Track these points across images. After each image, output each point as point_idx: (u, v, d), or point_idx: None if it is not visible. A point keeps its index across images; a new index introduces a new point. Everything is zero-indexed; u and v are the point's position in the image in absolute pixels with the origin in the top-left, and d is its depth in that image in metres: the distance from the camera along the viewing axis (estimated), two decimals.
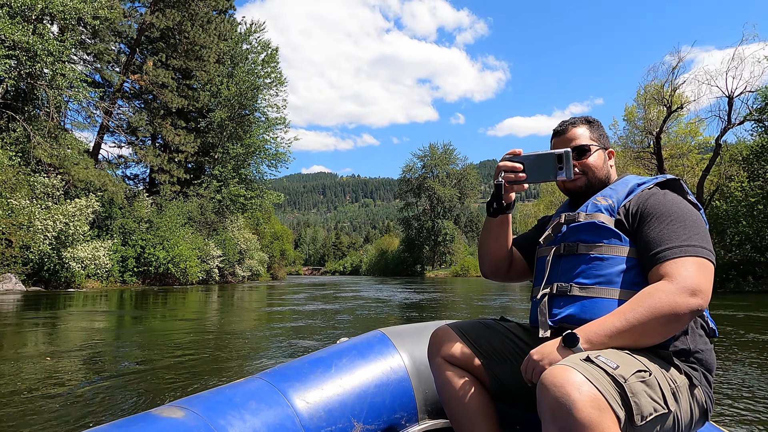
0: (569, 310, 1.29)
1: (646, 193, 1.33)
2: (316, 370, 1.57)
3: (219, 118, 30.34)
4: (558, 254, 1.38)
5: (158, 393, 3.33)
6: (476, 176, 77.02)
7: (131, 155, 29.34)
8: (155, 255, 24.04)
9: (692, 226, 1.21)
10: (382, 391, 1.59)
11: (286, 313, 10.15)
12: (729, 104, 20.45)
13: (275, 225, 47.82)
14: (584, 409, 0.94)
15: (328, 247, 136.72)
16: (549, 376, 1.00)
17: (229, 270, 30.73)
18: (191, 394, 1.56)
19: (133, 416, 1.27)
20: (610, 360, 1.05)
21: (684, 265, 1.15)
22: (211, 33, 29.06)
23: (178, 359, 4.59)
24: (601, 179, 1.43)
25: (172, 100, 26.53)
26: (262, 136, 32.87)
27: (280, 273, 47.67)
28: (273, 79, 32.56)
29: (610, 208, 1.33)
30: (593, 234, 1.31)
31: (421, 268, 72.93)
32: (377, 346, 1.71)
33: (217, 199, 29.89)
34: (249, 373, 4.25)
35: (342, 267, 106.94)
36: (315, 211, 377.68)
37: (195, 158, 31.60)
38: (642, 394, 1.03)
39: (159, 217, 25.22)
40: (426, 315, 9.97)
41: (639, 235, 1.26)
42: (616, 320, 1.13)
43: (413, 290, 20.61)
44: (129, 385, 3.53)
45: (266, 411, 1.37)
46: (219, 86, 30.27)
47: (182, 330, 7.11)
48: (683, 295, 1.11)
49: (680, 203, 1.28)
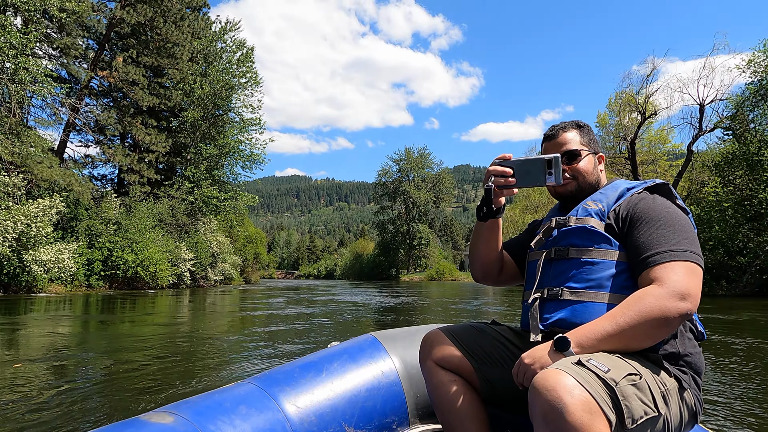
0: (560, 314, 1.30)
1: (635, 197, 1.34)
2: (307, 375, 1.55)
3: (192, 118, 29.56)
4: (549, 258, 1.39)
5: (130, 401, 3.23)
6: (451, 180, 77.50)
7: (99, 155, 28.32)
8: (123, 258, 23.17)
9: (681, 230, 1.23)
10: (374, 395, 1.57)
11: (262, 318, 9.91)
12: (700, 112, 20.96)
13: (249, 228, 46.89)
14: (576, 413, 0.94)
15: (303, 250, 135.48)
16: (541, 380, 1.00)
17: (201, 274, 29.89)
18: (163, 401, 1.51)
19: (122, 422, 1.24)
20: (602, 363, 1.05)
21: (673, 269, 1.16)
22: (185, 30, 28.29)
23: (148, 366, 4.45)
24: (591, 184, 1.45)
25: (143, 98, 25.67)
26: (237, 136, 32.17)
27: (253, 277, 46.77)
28: (248, 79, 31.94)
29: (601, 213, 1.35)
30: (584, 238, 1.32)
31: (396, 272, 72.81)
32: (368, 350, 1.70)
33: (189, 200, 29.06)
34: (226, 379, 3.96)
35: (316, 271, 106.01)
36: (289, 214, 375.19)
37: (166, 159, 30.69)
38: (633, 398, 1.04)
39: (128, 219, 24.33)
40: (404, 319, 9.86)
41: (629, 240, 1.27)
42: (606, 324, 1.14)
43: (390, 294, 20.54)
44: (101, 392, 3.43)
45: (256, 416, 1.36)
46: (192, 85, 29.51)
47: (152, 336, 6.87)
48: (673, 299, 1.12)
49: (669, 208, 1.29)
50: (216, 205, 30.63)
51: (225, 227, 35.50)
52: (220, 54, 31.99)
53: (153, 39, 27.73)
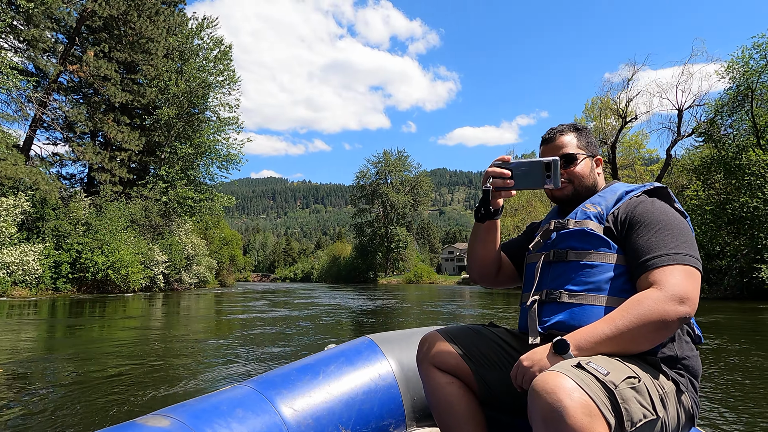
0: (559, 317, 1.29)
1: (634, 200, 1.34)
2: (304, 377, 1.55)
3: (167, 116, 28.68)
4: (548, 261, 1.39)
5: (97, 413, 3.06)
6: (429, 183, 77.60)
7: (68, 153, 27.22)
8: (93, 260, 22.24)
9: (679, 234, 1.23)
10: (371, 397, 1.57)
11: (241, 322, 9.61)
12: (679, 117, 21.25)
13: (224, 230, 45.84)
14: (575, 416, 0.94)
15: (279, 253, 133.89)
16: (540, 383, 1.00)
17: (175, 276, 28.96)
18: (135, 413, 1.46)
19: (118, 425, 1.23)
20: (601, 366, 1.05)
21: (672, 273, 1.16)
22: (160, 25, 27.43)
23: (118, 374, 4.27)
24: (588, 187, 1.45)
25: (115, 94, 24.75)
26: (214, 136, 31.35)
27: (228, 280, 45.75)
28: (226, 77, 31.18)
29: (599, 216, 1.34)
30: (583, 241, 1.32)
31: (374, 275, 72.48)
32: (365, 352, 1.70)
33: (163, 201, 28.14)
34: (209, 385, 3.79)
35: (293, 273, 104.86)
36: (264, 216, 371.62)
37: (139, 158, 29.71)
38: (632, 401, 1.03)
39: (98, 219, 23.38)
40: (392, 321, 9.70)
41: (627, 243, 1.28)
42: (605, 327, 1.14)
43: (369, 297, 20.35)
44: (67, 404, 3.27)
45: (253, 419, 1.35)
46: (167, 82, 28.65)
47: (124, 341, 6.60)
48: (671, 302, 1.12)
49: (668, 211, 1.29)
50: (191, 205, 29.74)
51: (200, 229, 34.56)
52: (197, 51, 31.18)
53: (126, 34, 26.78)
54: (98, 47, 25.14)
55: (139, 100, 27.81)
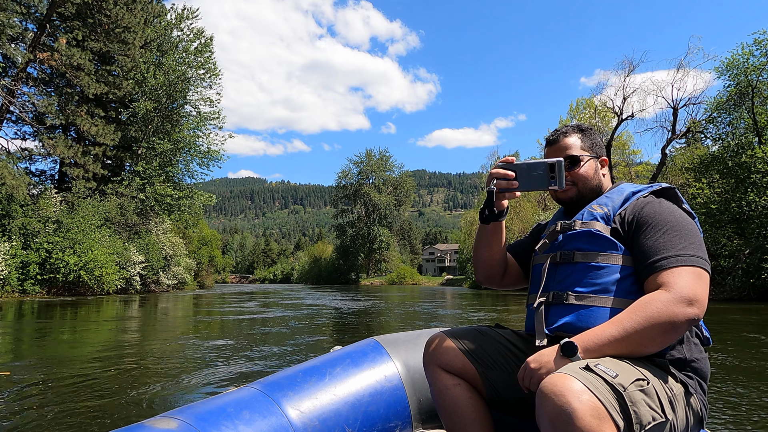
0: (565, 319, 1.29)
1: (641, 201, 1.33)
2: (310, 379, 1.54)
3: (144, 110, 27.34)
4: (554, 262, 1.38)
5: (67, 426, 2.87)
6: (412, 183, 77.08)
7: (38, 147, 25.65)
8: (64, 260, 20.88)
9: (687, 235, 1.22)
10: (377, 399, 1.57)
11: (226, 325, 8.99)
12: (674, 115, 20.97)
13: (203, 229, 44.34)
14: (584, 418, 0.93)
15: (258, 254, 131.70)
16: (549, 385, 1.00)
17: (153, 278, 27.60)
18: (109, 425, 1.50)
19: (126, 427, 1.23)
20: (610, 369, 1.04)
21: (680, 274, 1.15)
22: (137, 14, 26.10)
23: (90, 383, 4.00)
24: (593, 188, 1.45)
25: (89, 85, 23.36)
26: (194, 131, 30.07)
27: (207, 281, 44.27)
28: (207, 70, 29.95)
29: (606, 217, 1.34)
30: (589, 243, 1.31)
31: (356, 276, 71.62)
32: (371, 354, 1.70)
33: (140, 198, 26.78)
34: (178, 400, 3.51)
35: (272, 275, 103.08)
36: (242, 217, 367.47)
37: (114, 153, 28.30)
38: (641, 403, 1.03)
39: (70, 217, 22.00)
40: (379, 324, 8.81)
41: (635, 244, 1.26)
42: (613, 329, 1.13)
43: (354, 299, 19.79)
44: (34, 416, 3.05)
45: (260, 421, 1.35)
46: (145, 74, 27.33)
47: (97, 348, 6.24)
48: (680, 304, 1.11)
49: (675, 212, 1.27)
50: (170, 203, 28.40)
51: (179, 228, 33.17)
52: (176, 43, 29.89)
53: (101, 22, 25.38)
54: (71, 35, 23.70)
55: (114, 92, 26.41)
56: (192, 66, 29.51)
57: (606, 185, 1.46)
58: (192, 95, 30.27)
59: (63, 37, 23.54)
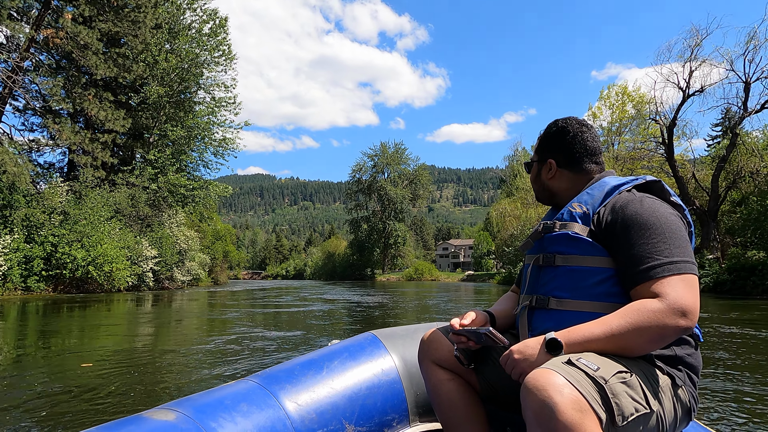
0: (547, 324, 1.28)
1: (622, 198, 1.28)
2: (308, 372, 1.56)
3: (155, 95, 25.57)
4: (538, 265, 1.37)
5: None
6: (428, 177, 74.89)
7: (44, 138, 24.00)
8: (71, 255, 19.20)
9: (672, 237, 1.19)
10: (374, 393, 1.58)
11: (257, 323, 8.03)
12: (745, 90, 18.77)
13: (217, 223, 42.60)
14: (566, 412, 0.95)
15: (270, 249, 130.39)
16: (531, 380, 1.01)
17: (167, 274, 25.87)
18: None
19: (124, 419, 1.25)
20: (591, 362, 1.06)
21: (671, 284, 1.13)
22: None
23: (96, 388, 3.67)
24: (549, 190, 1.48)
25: (97, 66, 21.61)
26: (208, 117, 28.24)
27: (221, 277, 42.64)
28: (222, 53, 28.11)
29: (585, 216, 1.31)
30: (568, 246, 1.29)
31: (372, 272, 69.77)
32: (368, 348, 1.71)
33: (152, 188, 25.03)
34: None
35: (284, 271, 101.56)
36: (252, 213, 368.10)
37: (125, 141, 26.60)
38: (623, 395, 1.04)
39: (77, 208, 20.30)
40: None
41: (619, 249, 1.23)
42: (599, 329, 1.13)
43: (376, 294, 17.88)
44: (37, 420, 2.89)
45: (257, 413, 1.36)
46: (156, 57, 25.56)
47: (106, 351, 5.70)
48: (673, 316, 1.10)
49: (657, 211, 1.23)
50: (183, 194, 26.65)
51: (194, 221, 31.43)
52: (189, 26, 28.08)
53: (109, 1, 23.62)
54: (77, 10, 21.94)
55: (124, 75, 24.68)
56: (206, 49, 27.69)
57: (563, 186, 1.44)
58: (205, 80, 28.49)
59: (68, 12, 21.77)
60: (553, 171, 1.45)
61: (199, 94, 28.79)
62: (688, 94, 19.43)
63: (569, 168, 1.43)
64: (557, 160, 1.45)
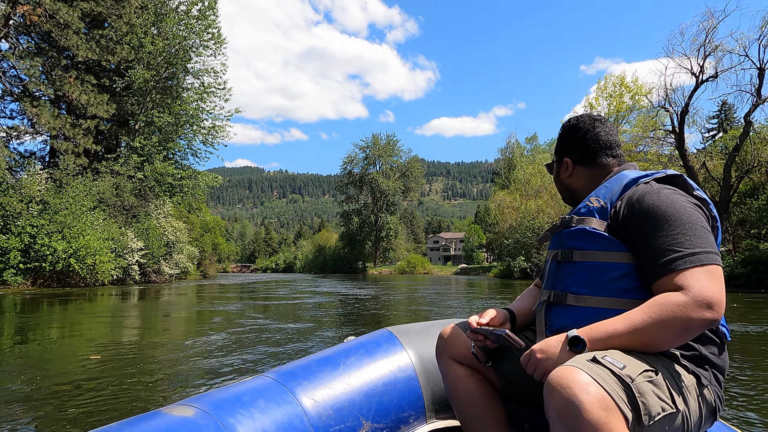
0: (564, 321, 1.27)
1: (639, 190, 1.24)
2: (324, 369, 1.55)
3: (141, 79, 24.33)
4: (557, 260, 1.34)
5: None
6: (421, 169, 74.01)
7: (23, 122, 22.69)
8: (51, 247, 18.08)
9: (692, 228, 1.14)
10: (390, 389, 1.58)
11: (256, 321, 7.30)
12: (759, 77, 18.09)
13: (206, 215, 41.36)
14: (592, 410, 0.93)
15: (259, 243, 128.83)
16: (555, 377, 0.99)
17: (153, 267, 24.76)
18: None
19: (144, 414, 1.25)
20: (617, 360, 1.03)
21: (695, 276, 1.09)
22: None
23: (78, 391, 3.38)
24: (569, 188, 1.46)
25: (78, 46, 20.39)
26: (197, 104, 27.03)
27: (210, 270, 41.47)
28: (211, 36, 26.89)
29: (602, 210, 1.28)
30: (586, 241, 1.27)
31: (363, 265, 68.93)
32: (385, 344, 1.70)
33: (138, 177, 23.86)
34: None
35: (274, 264, 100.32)
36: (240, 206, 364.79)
37: (109, 127, 25.33)
38: (650, 394, 1.02)
39: (58, 197, 19.13)
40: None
41: (637, 242, 1.20)
42: (622, 325, 1.10)
43: (376, 289, 16.91)
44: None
45: (275, 409, 1.36)
46: (142, 39, 24.30)
47: (89, 351, 5.16)
48: (698, 309, 1.06)
49: (675, 202, 1.19)
50: (171, 183, 25.49)
51: (182, 212, 30.25)
52: (177, 7, 26.80)
53: None
54: None
55: (107, 59, 23.44)
56: (194, 32, 26.44)
57: (581, 184, 1.42)
58: (194, 65, 27.26)
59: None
60: (570, 169, 1.45)
61: (187, 80, 27.57)
62: (701, 80, 18.79)
63: (585, 164, 1.42)
64: (572, 157, 1.44)
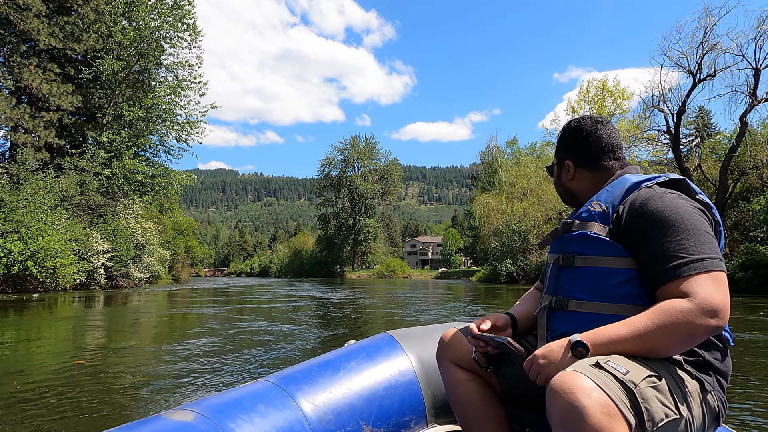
0: (565, 327, 1.26)
1: (642, 194, 1.23)
2: (325, 373, 1.54)
3: (110, 69, 22.79)
4: (558, 265, 1.33)
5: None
6: (400, 172, 73.25)
7: None
8: (6, 248, 16.49)
9: (696, 234, 1.13)
10: (391, 393, 1.57)
11: (232, 335, 6.45)
12: (755, 77, 17.81)
13: (178, 216, 39.60)
14: (594, 416, 0.92)
15: (233, 246, 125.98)
16: (558, 382, 0.98)
17: (121, 270, 23.15)
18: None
19: (144, 419, 1.25)
20: (620, 365, 1.03)
21: (700, 283, 1.08)
22: None
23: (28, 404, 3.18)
24: (570, 191, 1.44)
25: (40, 31, 18.84)
26: (170, 97, 25.57)
27: (183, 274, 39.71)
28: (186, 27, 25.49)
29: (604, 215, 1.27)
30: (587, 246, 1.26)
31: (341, 269, 67.71)
32: (385, 348, 1.69)
33: (105, 175, 22.27)
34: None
35: (249, 268, 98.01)
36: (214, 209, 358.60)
37: (74, 121, 23.67)
38: (653, 400, 1.01)
39: (14, 194, 17.52)
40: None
41: (640, 247, 1.19)
42: (626, 331, 1.09)
43: (365, 297, 15.97)
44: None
45: (275, 414, 1.35)
46: (111, 28, 22.78)
47: (42, 362, 4.77)
48: (703, 316, 1.06)
49: (679, 207, 1.17)
50: (141, 182, 23.94)
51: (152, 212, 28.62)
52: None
53: None
54: None
55: (73, 47, 21.84)
56: (167, 21, 25.00)
57: (583, 187, 1.40)
58: (168, 57, 25.80)
59: None
60: (572, 172, 1.42)
61: (160, 73, 26.09)
62: (699, 78, 18.43)
63: (587, 167, 1.40)
64: (574, 160, 1.42)
